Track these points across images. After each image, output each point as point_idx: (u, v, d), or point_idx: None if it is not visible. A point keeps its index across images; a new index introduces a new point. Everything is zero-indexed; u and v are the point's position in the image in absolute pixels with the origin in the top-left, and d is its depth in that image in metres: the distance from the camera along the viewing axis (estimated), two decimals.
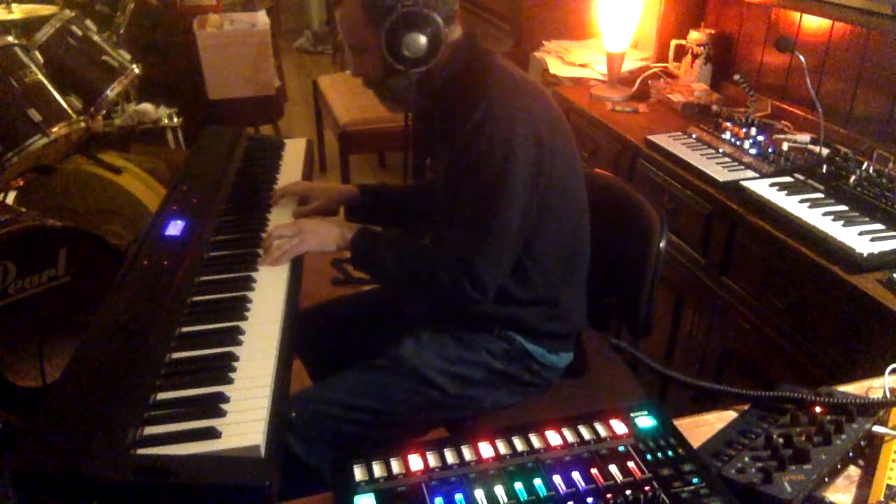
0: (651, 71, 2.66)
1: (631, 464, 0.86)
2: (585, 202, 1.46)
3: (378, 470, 0.86)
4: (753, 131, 2.02)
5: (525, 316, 1.40)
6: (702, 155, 1.96)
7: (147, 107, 3.13)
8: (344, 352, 1.59)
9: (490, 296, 1.32)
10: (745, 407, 1.01)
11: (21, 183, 2.56)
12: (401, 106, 1.52)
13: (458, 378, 1.39)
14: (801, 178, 1.77)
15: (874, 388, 1.06)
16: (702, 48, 2.48)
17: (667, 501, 0.80)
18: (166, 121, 3.19)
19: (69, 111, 2.37)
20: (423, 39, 1.33)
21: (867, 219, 1.57)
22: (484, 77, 1.34)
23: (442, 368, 1.38)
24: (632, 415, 0.94)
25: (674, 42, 2.65)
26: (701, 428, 0.99)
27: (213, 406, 1.04)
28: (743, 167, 1.88)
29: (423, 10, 1.32)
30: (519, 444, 0.89)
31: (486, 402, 1.42)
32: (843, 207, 1.62)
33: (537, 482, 0.83)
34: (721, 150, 1.98)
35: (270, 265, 1.41)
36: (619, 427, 0.92)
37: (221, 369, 1.12)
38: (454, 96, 1.37)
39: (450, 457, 0.88)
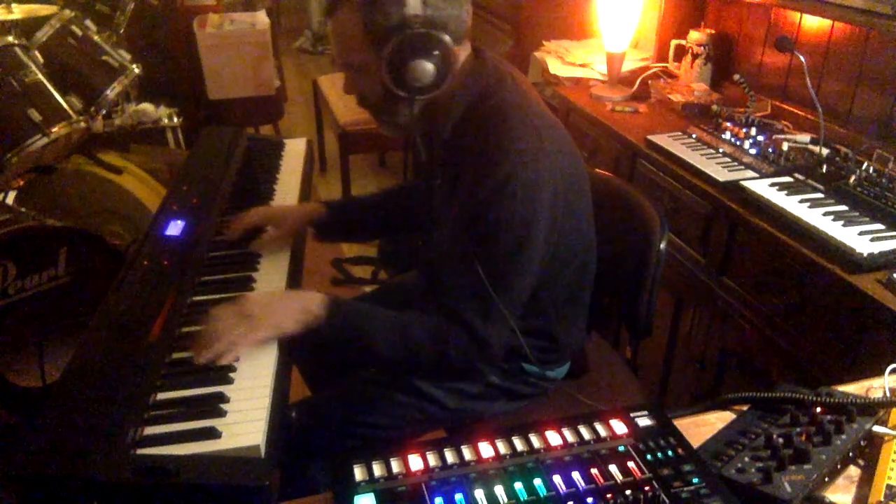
0: (651, 71, 2.65)
1: (631, 464, 0.86)
2: (593, 236, 1.40)
3: (378, 470, 0.86)
4: (753, 131, 2.02)
5: (520, 346, 1.35)
6: (702, 155, 1.96)
7: (147, 107, 3.13)
8: (341, 358, 1.59)
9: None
10: (745, 407, 1.01)
11: (21, 183, 2.56)
12: (400, 131, 1.35)
13: (455, 392, 1.38)
14: (801, 178, 1.77)
15: (874, 388, 1.06)
16: (702, 48, 2.48)
17: (667, 501, 0.80)
18: (166, 121, 3.18)
19: (69, 111, 2.37)
20: (430, 67, 1.17)
21: (867, 219, 1.57)
22: (503, 121, 1.19)
23: (439, 384, 1.37)
24: (632, 415, 0.95)
25: (674, 42, 2.65)
26: (701, 428, 0.99)
27: (213, 406, 1.04)
28: (743, 167, 1.87)
29: (433, 33, 1.16)
30: (519, 444, 0.90)
31: (486, 413, 1.41)
32: (843, 207, 1.62)
33: (537, 482, 0.83)
34: (721, 150, 1.98)
35: (212, 361, 1.13)
36: (619, 427, 0.92)
37: (221, 369, 1.13)
38: (469, 140, 1.22)
39: (450, 457, 0.88)
